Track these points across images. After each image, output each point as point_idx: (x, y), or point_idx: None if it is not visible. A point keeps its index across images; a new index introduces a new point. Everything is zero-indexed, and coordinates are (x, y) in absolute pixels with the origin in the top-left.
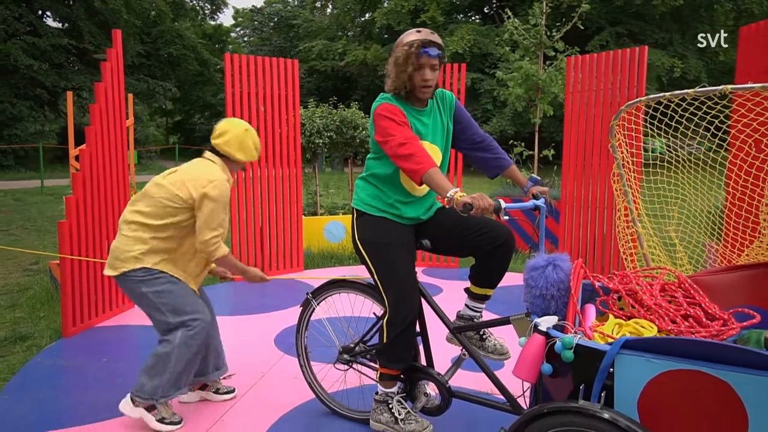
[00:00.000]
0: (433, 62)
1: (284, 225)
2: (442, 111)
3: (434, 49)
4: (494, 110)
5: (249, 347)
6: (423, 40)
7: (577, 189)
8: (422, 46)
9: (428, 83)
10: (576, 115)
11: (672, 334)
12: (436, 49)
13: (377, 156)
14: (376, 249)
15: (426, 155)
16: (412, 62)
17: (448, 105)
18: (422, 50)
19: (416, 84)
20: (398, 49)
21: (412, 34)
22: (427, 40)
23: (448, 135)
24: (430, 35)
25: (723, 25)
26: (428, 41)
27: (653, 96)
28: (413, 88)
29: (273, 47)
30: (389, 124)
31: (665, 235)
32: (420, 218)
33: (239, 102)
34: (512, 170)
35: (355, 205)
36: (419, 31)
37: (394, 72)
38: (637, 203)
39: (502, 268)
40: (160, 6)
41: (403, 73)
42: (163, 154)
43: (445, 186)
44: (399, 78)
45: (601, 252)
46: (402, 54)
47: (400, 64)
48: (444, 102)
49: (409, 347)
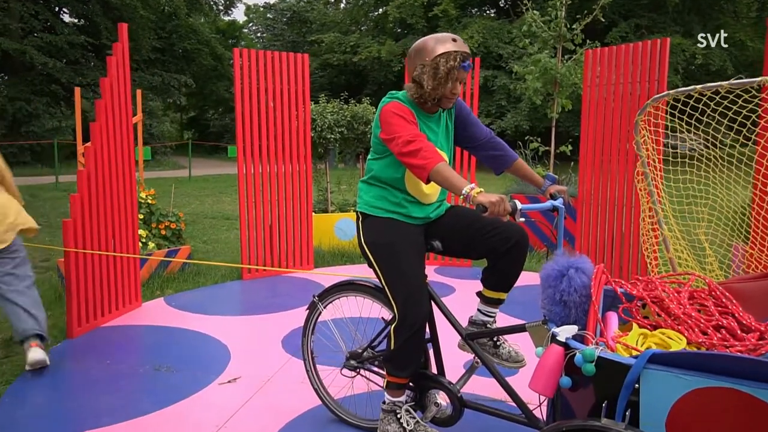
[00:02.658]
0: (465, 76)
1: (294, 222)
2: (447, 116)
3: (469, 63)
4: (509, 105)
5: (256, 349)
6: (464, 54)
7: (595, 186)
8: (463, 60)
9: (456, 96)
10: (594, 109)
11: (703, 347)
12: (470, 62)
13: (380, 156)
14: (384, 250)
15: (435, 151)
16: (452, 77)
17: (452, 107)
18: (462, 64)
19: (445, 96)
20: (434, 59)
21: (446, 42)
22: (467, 54)
23: (452, 139)
24: (465, 46)
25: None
26: (467, 54)
27: (683, 89)
28: (440, 99)
29: (285, 42)
30: (398, 122)
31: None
32: (429, 217)
33: (248, 97)
34: (520, 167)
35: (360, 208)
36: (455, 39)
37: (431, 84)
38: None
39: (517, 270)
40: (175, 1)
41: (442, 86)
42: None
43: (457, 182)
44: (436, 91)
45: (620, 252)
46: (445, 68)
47: (442, 77)
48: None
49: (418, 354)
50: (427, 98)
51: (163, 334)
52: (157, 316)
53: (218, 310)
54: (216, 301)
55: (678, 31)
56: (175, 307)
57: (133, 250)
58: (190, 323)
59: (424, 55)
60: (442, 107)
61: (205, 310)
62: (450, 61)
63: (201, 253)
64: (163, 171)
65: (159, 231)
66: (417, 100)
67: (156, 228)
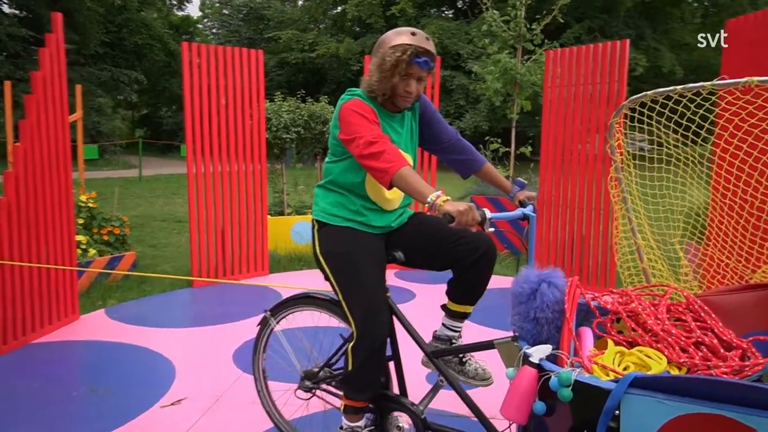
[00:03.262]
0: (422, 74)
1: (248, 225)
2: (411, 116)
3: (427, 61)
4: (467, 106)
5: (204, 365)
6: (417, 48)
7: (556, 187)
8: (415, 54)
9: (411, 95)
10: (555, 110)
11: (685, 367)
12: (430, 61)
13: (338, 159)
14: (341, 262)
15: (398, 154)
16: (399, 71)
17: (416, 107)
18: (414, 59)
19: (397, 93)
20: (386, 50)
21: (404, 35)
22: (422, 49)
23: (416, 140)
24: (425, 41)
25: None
26: (423, 50)
27: (662, 90)
28: (392, 96)
29: (242, 39)
30: (359, 121)
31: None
32: (390, 226)
33: (198, 94)
34: (488, 171)
35: (316, 215)
36: (414, 33)
37: (377, 76)
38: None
39: (484, 282)
40: None
41: (386, 80)
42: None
43: (422, 189)
44: (381, 84)
45: (580, 255)
46: (391, 59)
47: (386, 70)
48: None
49: (377, 375)
50: (376, 92)
51: (102, 350)
52: (97, 329)
53: (164, 322)
54: (163, 311)
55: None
56: (116, 319)
57: (69, 259)
58: (132, 337)
59: (380, 47)
60: (397, 106)
61: (150, 322)
62: (397, 53)
63: (149, 258)
64: (113, 171)
65: (101, 237)
66: (371, 94)
67: (98, 233)
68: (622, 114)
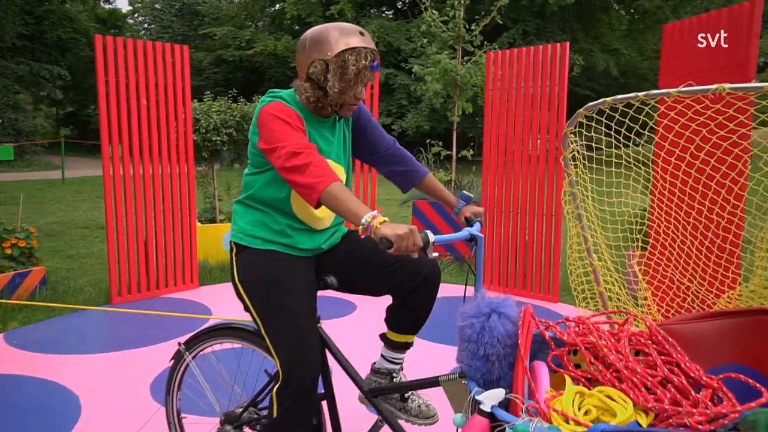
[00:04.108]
0: (371, 77)
1: (174, 233)
2: (344, 121)
3: (378, 64)
4: (409, 105)
5: (116, 397)
6: (373, 52)
7: (498, 191)
8: (372, 59)
9: (359, 102)
10: (497, 113)
11: (653, 412)
12: (378, 62)
13: (258, 171)
14: (263, 292)
15: (327, 167)
16: (362, 78)
17: None
18: (372, 65)
19: (346, 101)
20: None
21: (353, 36)
22: (375, 51)
23: (350, 149)
24: (372, 42)
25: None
26: (375, 52)
27: (623, 96)
28: (341, 104)
29: (175, 35)
30: (281, 127)
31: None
32: (320, 248)
33: (115, 92)
34: (430, 183)
35: (234, 237)
36: (363, 33)
37: (338, 86)
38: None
39: (427, 309)
40: None
41: (350, 89)
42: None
43: (355, 209)
44: (342, 94)
45: (524, 261)
46: (354, 67)
47: (351, 78)
48: None
49: (307, 420)
50: (328, 102)
51: None
52: None
53: (73, 348)
54: (72, 335)
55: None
56: (16, 346)
57: None
58: (32, 368)
59: (326, 49)
60: (339, 115)
61: (56, 348)
62: (361, 60)
63: (64, 271)
64: (33, 172)
65: (2, 251)
66: (312, 104)
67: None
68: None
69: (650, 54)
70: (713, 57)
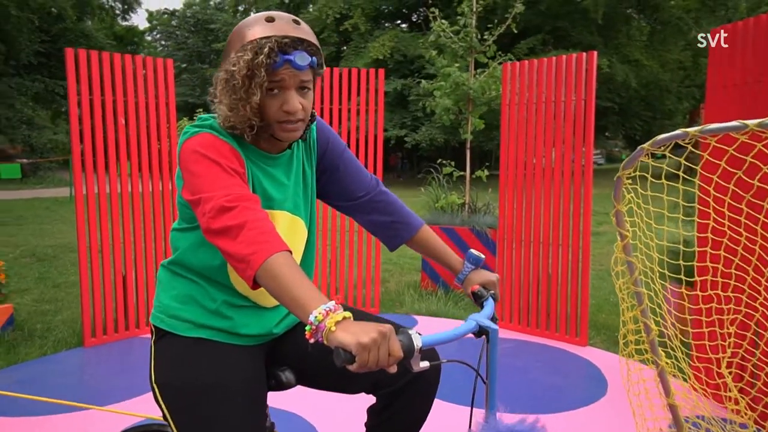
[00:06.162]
0: (303, 77)
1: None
2: (305, 155)
3: (303, 55)
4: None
5: None
6: (281, 39)
7: (518, 218)
8: (280, 49)
9: (294, 117)
10: (515, 130)
11: None
12: (306, 54)
13: (188, 227)
14: (185, 400)
15: (269, 229)
16: (259, 82)
17: (311, 141)
18: (282, 57)
19: (271, 118)
20: (233, 54)
21: (258, 24)
22: (290, 38)
23: (313, 193)
24: (294, 27)
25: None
26: (291, 39)
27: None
28: (267, 126)
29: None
30: (206, 170)
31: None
32: (272, 332)
33: (89, 110)
34: (427, 240)
35: (153, 319)
36: (271, 19)
37: (227, 101)
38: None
39: (421, 416)
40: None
41: (243, 104)
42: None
43: (302, 296)
44: (237, 113)
45: (547, 297)
46: (240, 69)
47: (239, 87)
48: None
49: None
50: (239, 124)
51: None
52: None
53: (28, 405)
54: (33, 385)
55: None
56: None
57: None
58: None
59: (229, 51)
60: (278, 139)
61: (8, 405)
62: (248, 55)
63: (39, 305)
64: (44, 189)
65: None
66: (249, 134)
67: None
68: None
69: (672, 65)
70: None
